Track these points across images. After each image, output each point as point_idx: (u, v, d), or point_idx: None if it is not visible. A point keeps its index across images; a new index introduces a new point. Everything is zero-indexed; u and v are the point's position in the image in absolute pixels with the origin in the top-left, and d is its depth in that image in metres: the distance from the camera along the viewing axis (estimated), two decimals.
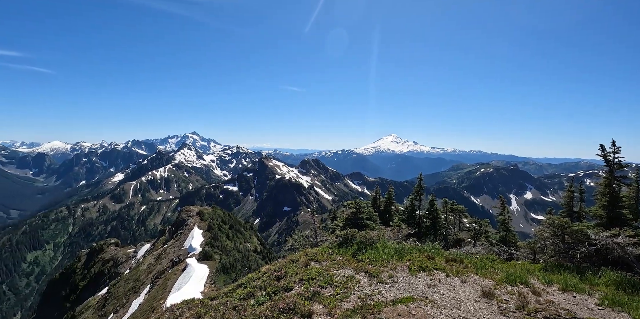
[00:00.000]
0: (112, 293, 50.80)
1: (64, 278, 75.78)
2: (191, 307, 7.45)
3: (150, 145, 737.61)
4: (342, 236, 12.27)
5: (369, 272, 9.44)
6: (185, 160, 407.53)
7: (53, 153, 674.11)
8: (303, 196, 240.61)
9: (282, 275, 8.77)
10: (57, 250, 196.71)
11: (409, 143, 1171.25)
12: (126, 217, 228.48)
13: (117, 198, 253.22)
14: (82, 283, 67.62)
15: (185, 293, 33.16)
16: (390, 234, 17.83)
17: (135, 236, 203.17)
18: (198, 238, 56.33)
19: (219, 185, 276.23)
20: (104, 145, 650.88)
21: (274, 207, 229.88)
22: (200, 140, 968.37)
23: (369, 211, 19.60)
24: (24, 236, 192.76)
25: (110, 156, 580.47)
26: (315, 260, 10.19)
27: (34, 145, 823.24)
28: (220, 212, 72.61)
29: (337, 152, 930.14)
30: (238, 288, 8.55)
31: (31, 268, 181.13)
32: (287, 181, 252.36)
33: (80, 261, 76.57)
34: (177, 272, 43.59)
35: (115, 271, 64.24)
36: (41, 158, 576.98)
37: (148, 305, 37.45)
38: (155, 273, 48.94)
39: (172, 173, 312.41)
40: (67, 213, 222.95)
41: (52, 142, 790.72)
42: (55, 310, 66.72)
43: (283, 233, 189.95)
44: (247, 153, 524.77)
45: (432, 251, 12.43)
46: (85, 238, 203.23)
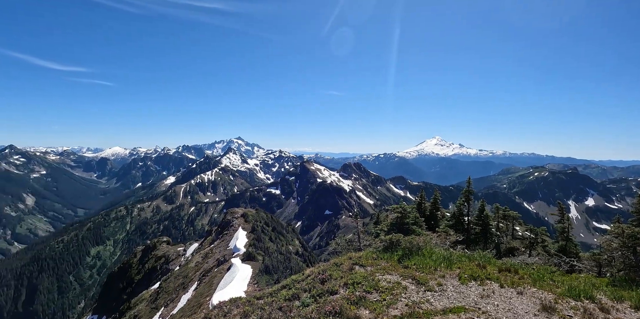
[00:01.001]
0: (164, 287, 53.58)
1: (122, 271, 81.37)
2: (238, 305, 7.60)
3: (199, 150, 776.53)
4: (387, 241, 11.93)
5: (416, 279, 9.06)
6: (230, 164, 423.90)
7: (114, 158, 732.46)
8: (344, 200, 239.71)
9: (327, 278, 8.67)
10: (116, 246, 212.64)
11: (454, 145, 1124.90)
12: (177, 217, 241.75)
13: (169, 199, 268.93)
14: (137, 277, 72.11)
15: (230, 291, 34.15)
16: (436, 240, 17.08)
17: (185, 235, 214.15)
18: (242, 239, 57.94)
19: (262, 188, 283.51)
20: (157, 150, 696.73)
21: (316, 211, 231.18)
22: (244, 144, 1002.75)
23: (414, 216, 18.92)
24: (88, 233, 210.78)
25: (163, 160, 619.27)
26: (360, 265, 9.99)
27: (97, 151, 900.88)
28: (264, 214, 74.27)
29: (379, 156, 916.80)
30: (283, 289, 8.59)
31: (94, 261, 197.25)
32: (328, 185, 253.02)
33: (136, 257, 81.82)
34: (223, 271, 45.10)
35: (166, 268, 67.82)
36: (104, 163, 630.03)
37: (195, 301, 39.09)
38: (202, 271, 50.98)
39: (218, 176, 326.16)
40: (125, 213, 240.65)
41: (113, 148, 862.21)
42: (114, 301, 71.74)
43: (324, 237, 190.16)
44: (289, 157, 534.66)
45: (484, 259, 11.71)
46: (140, 236, 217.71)
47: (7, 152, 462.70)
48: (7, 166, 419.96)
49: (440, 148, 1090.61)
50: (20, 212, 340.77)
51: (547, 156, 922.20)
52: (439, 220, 27.52)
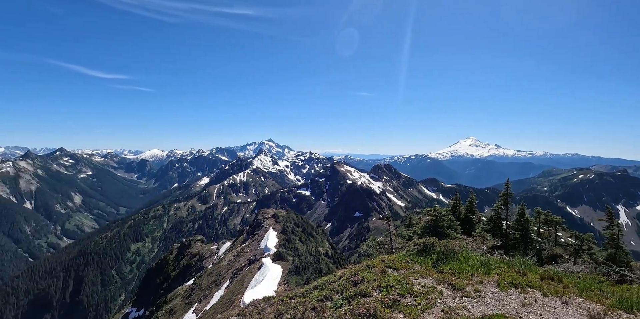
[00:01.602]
0: (198, 284, 55.36)
1: (159, 267, 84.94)
2: (272, 304, 7.69)
3: (231, 152, 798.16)
4: (421, 244, 11.62)
5: (451, 284, 8.76)
6: (261, 165, 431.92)
7: (152, 160, 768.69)
8: (375, 202, 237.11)
9: (359, 280, 8.58)
10: (154, 243, 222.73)
11: (489, 146, 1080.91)
12: (210, 217, 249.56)
13: (203, 199, 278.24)
14: (173, 273, 75.01)
15: (261, 290, 34.69)
16: (473, 245, 16.44)
17: (218, 234, 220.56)
18: (273, 239, 58.74)
19: (293, 190, 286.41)
20: (192, 152, 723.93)
21: (345, 212, 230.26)
22: (275, 146, 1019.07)
23: (449, 219, 18.29)
24: (129, 230, 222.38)
25: (198, 162, 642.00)
26: (393, 268, 9.79)
27: (138, 153, 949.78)
28: (294, 215, 74.93)
29: (410, 157, 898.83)
30: (314, 290, 8.58)
31: (134, 257, 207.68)
32: (358, 186, 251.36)
33: (172, 254, 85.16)
34: (254, 270, 45.93)
35: (200, 265, 70.06)
36: (143, 164, 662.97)
37: (227, 298, 40.06)
38: (234, 269, 52.18)
39: (250, 177, 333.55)
40: (162, 212, 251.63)
41: (152, 150, 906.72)
42: (151, 295, 75.02)
43: (354, 239, 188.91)
44: (319, 158, 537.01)
45: (524, 266, 11.13)
46: (176, 234, 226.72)
47: (57, 154, 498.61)
48: (58, 167, 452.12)
49: (475, 149, 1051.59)
50: (69, 210, 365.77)
51: (592, 157, 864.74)
52: (474, 224, 26.46)
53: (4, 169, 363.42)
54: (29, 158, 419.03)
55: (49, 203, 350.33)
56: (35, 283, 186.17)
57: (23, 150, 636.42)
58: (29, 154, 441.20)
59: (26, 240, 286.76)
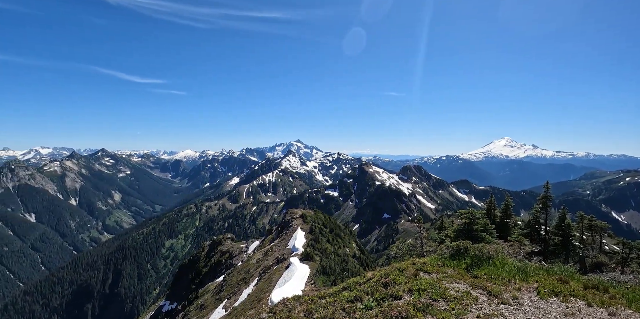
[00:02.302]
0: (227, 281, 56.62)
1: (191, 263, 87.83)
2: (302, 302, 7.69)
3: (261, 153, 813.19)
4: (454, 247, 11.21)
5: (487, 290, 8.38)
6: (290, 166, 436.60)
7: (186, 160, 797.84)
8: (403, 203, 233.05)
9: (390, 283, 8.40)
10: (187, 240, 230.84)
11: (526, 147, 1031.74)
12: (240, 216, 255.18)
13: (233, 199, 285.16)
14: (204, 270, 77.24)
15: (288, 289, 34.93)
16: (509, 250, 15.71)
17: (247, 233, 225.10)
18: (301, 239, 59.04)
19: (321, 190, 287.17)
20: (223, 152, 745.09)
21: (374, 214, 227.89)
22: (303, 147, 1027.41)
23: (484, 223, 17.53)
24: (163, 227, 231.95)
25: (229, 162, 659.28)
26: (424, 271, 9.51)
27: (172, 153, 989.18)
28: (322, 216, 74.98)
29: (441, 158, 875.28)
30: (344, 291, 8.48)
31: (168, 252, 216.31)
32: (387, 188, 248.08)
33: (203, 251, 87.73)
34: (281, 269, 46.38)
35: (230, 262, 71.67)
36: (177, 164, 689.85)
37: (255, 296, 40.68)
38: (262, 267, 52.95)
39: (278, 178, 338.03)
40: (195, 210, 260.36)
41: (185, 151, 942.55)
42: (184, 290, 77.70)
43: (382, 241, 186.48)
44: (347, 159, 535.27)
45: (566, 274, 10.45)
46: (208, 232, 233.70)
47: (99, 154, 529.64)
48: (100, 167, 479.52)
49: (510, 149, 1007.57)
50: (110, 207, 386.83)
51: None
52: (510, 228, 25.28)
53: (52, 168, 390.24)
54: (74, 158, 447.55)
55: (91, 200, 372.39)
56: (78, 275, 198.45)
57: (69, 151, 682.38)
58: (74, 154, 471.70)
59: (71, 234, 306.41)
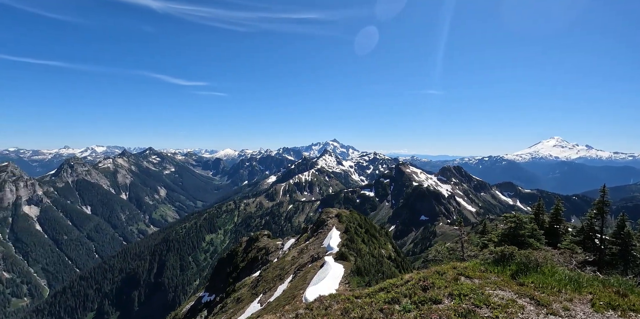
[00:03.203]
0: (263, 276, 57.86)
1: (229, 258, 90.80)
2: (338, 301, 7.62)
3: (297, 152, 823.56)
4: (498, 253, 10.59)
5: (535, 299, 7.83)
6: (326, 165, 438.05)
7: (225, 158, 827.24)
8: (442, 206, 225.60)
9: (429, 286, 8.10)
10: (226, 235, 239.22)
11: (579, 147, 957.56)
12: (276, 213, 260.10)
13: (270, 197, 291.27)
14: (241, 264, 79.55)
15: (322, 288, 34.98)
16: (559, 258, 14.63)
17: (283, 230, 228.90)
18: (336, 238, 58.94)
19: (356, 190, 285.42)
20: (261, 151, 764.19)
21: (410, 215, 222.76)
22: (339, 147, 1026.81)
23: (531, 228, 16.40)
24: (204, 222, 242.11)
25: (266, 161, 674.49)
26: (466, 276, 9.06)
27: (213, 152, 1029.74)
28: (357, 216, 74.43)
29: (483, 159, 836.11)
30: (380, 292, 8.30)
31: (208, 246, 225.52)
32: (424, 189, 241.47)
33: (241, 246, 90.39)
34: (316, 267, 46.58)
35: (266, 259, 73.23)
36: (218, 162, 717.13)
37: (290, 292, 41.18)
38: (297, 265, 53.53)
39: (315, 177, 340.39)
40: (233, 207, 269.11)
41: (225, 150, 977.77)
42: (222, 283, 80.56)
43: (419, 243, 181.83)
44: (384, 159, 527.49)
45: (624, 286, 9.51)
46: (245, 228, 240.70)
47: (147, 152, 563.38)
48: (147, 164, 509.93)
49: (561, 150, 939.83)
50: (156, 201, 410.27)
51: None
52: (560, 234, 23.52)
53: (106, 165, 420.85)
54: (125, 156, 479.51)
55: (140, 195, 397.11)
56: (127, 263, 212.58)
57: (120, 149, 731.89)
58: (125, 152, 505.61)
59: (121, 226, 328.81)
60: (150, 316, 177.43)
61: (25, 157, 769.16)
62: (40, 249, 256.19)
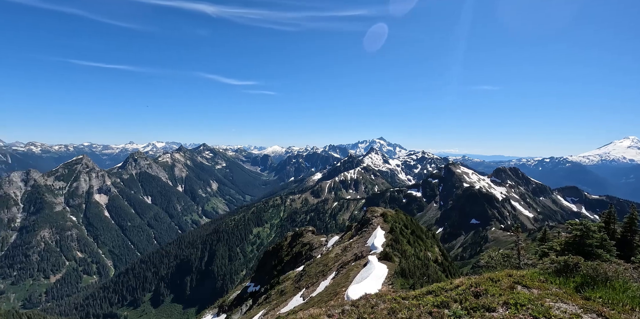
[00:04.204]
0: (306, 271, 58.78)
1: (274, 251, 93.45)
2: (385, 301, 7.50)
3: (343, 150, 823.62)
4: (561, 262, 9.73)
5: (603, 315, 7.11)
6: (372, 163, 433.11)
7: (273, 155, 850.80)
8: (495, 209, 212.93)
9: (481, 293, 7.68)
10: (272, 229, 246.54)
11: None
12: (321, 210, 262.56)
13: (315, 193, 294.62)
14: (286, 258, 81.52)
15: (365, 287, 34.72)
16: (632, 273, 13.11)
17: (327, 227, 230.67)
18: (380, 238, 58.13)
19: (403, 190, 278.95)
20: (307, 149, 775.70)
21: (460, 218, 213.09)
22: (386, 145, 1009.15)
23: (600, 237, 14.82)
24: (252, 215, 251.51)
25: (312, 158, 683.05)
26: (523, 285, 8.43)
27: (261, 149, 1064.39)
28: (403, 216, 72.76)
29: (544, 160, 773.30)
30: (428, 295, 8.02)
31: (255, 239, 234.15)
32: (476, 190, 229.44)
33: (286, 241, 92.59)
34: (359, 266, 46.35)
35: (310, 254, 74.31)
36: (266, 159, 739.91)
37: (332, 289, 41.42)
38: (340, 262, 53.66)
39: (360, 175, 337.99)
40: (280, 202, 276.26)
41: (273, 146, 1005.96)
42: (266, 274, 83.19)
43: (468, 248, 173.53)
44: (433, 158, 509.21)
45: None
46: (291, 223, 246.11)
47: (201, 148, 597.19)
48: (201, 159, 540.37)
49: (637, 152, 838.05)
50: (208, 194, 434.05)
51: None
52: (635, 247, 21.07)
53: (165, 159, 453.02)
54: (181, 151, 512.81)
55: (194, 188, 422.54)
56: (181, 251, 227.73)
57: (177, 145, 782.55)
58: (181, 148, 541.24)
59: (177, 216, 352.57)
60: (200, 300, 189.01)
61: (97, 151, 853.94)
62: (108, 233, 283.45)
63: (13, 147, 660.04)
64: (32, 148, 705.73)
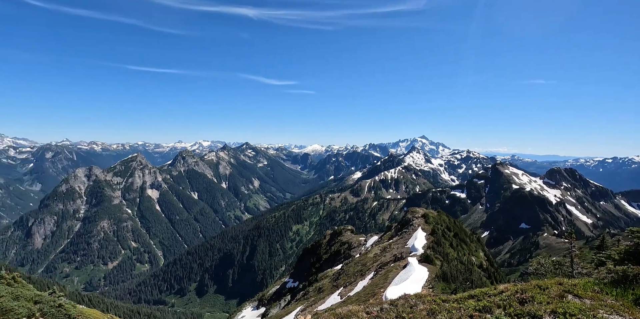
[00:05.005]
0: (345, 270, 58.93)
1: (313, 249, 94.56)
2: (424, 302, 7.46)
3: (384, 148, 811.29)
4: (619, 272, 9.06)
5: None
6: (413, 163, 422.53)
7: (313, 154, 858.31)
8: (548, 213, 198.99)
9: (527, 299, 7.37)
10: (311, 227, 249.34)
11: None
12: (360, 210, 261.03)
13: (355, 192, 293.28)
14: (324, 256, 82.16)
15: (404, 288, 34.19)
16: None
17: (366, 227, 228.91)
18: (421, 239, 56.82)
19: (446, 190, 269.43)
20: (347, 147, 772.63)
21: (508, 222, 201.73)
22: (428, 143, 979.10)
23: None
24: (292, 212, 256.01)
25: (352, 157, 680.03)
26: (574, 294, 7.95)
27: (301, 147, 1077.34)
28: (446, 218, 70.54)
29: (605, 160, 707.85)
30: (470, 299, 7.82)
31: (294, 236, 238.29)
32: (527, 193, 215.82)
33: (325, 239, 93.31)
34: (398, 268, 45.64)
35: (348, 253, 74.34)
36: (306, 157, 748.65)
37: (370, 289, 41.20)
38: (379, 263, 53.19)
39: (401, 174, 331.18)
40: (319, 200, 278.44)
41: (313, 145, 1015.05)
42: (305, 271, 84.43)
43: (517, 254, 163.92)
44: (479, 158, 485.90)
45: None
46: (330, 222, 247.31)
47: (244, 147, 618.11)
48: (244, 157, 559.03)
49: None
50: (250, 191, 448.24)
51: None
52: None
53: (210, 157, 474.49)
54: (225, 149, 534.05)
55: (237, 185, 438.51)
56: (224, 244, 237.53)
57: (221, 144, 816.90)
58: (225, 147, 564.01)
59: (221, 211, 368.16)
60: (241, 293, 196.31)
61: (149, 149, 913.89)
62: (158, 225, 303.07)
63: (78, 146, 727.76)
64: (94, 146, 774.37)
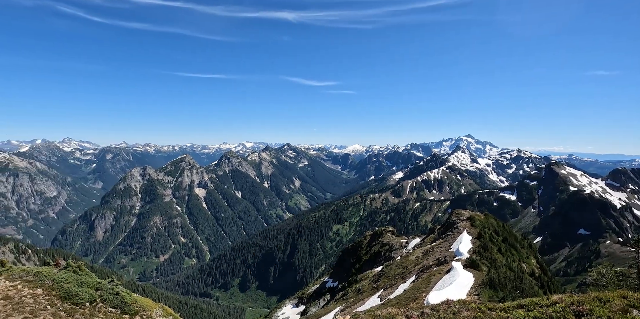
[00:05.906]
0: (385, 272, 57.86)
1: (353, 249, 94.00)
2: (468, 309, 7.08)
3: (426, 148, 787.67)
4: None
5: None
6: (458, 163, 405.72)
7: (353, 154, 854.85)
8: (611, 219, 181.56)
9: (584, 312, 6.74)
10: (351, 227, 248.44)
11: None
12: (402, 211, 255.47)
13: (396, 193, 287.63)
14: (364, 257, 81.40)
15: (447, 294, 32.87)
16: None
17: (408, 229, 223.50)
18: (466, 243, 54.30)
19: (494, 192, 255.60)
20: (388, 147, 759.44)
21: (564, 227, 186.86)
22: (474, 143, 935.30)
23: None
24: (332, 213, 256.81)
25: (393, 157, 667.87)
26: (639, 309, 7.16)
27: (342, 147, 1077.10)
28: (493, 221, 66.76)
29: None
30: (519, 308, 7.29)
31: (334, 236, 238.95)
32: (586, 196, 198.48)
33: (365, 240, 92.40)
34: (441, 272, 43.97)
35: (389, 255, 72.94)
36: (346, 157, 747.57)
37: (411, 293, 40.07)
38: (421, 266, 51.59)
39: (445, 175, 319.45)
40: (360, 201, 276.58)
41: (353, 145, 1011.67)
42: (344, 272, 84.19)
43: (574, 263, 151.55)
44: (531, 157, 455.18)
45: None
46: (370, 222, 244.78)
47: (285, 147, 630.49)
48: (285, 157, 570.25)
49: None
50: (291, 191, 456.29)
51: None
52: None
53: (253, 158, 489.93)
54: (267, 150, 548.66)
55: (278, 185, 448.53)
56: (266, 242, 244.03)
57: (264, 144, 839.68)
58: (267, 147, 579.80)
59: (263, 210, 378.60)
60: (281, 290, 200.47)
61: (197, 150, 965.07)
62: (205, 222, 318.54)
63: (134, 148, 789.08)
64: (148, 148, 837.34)
